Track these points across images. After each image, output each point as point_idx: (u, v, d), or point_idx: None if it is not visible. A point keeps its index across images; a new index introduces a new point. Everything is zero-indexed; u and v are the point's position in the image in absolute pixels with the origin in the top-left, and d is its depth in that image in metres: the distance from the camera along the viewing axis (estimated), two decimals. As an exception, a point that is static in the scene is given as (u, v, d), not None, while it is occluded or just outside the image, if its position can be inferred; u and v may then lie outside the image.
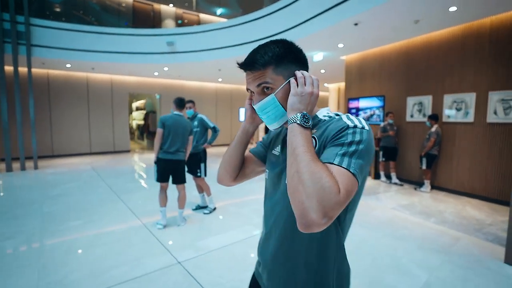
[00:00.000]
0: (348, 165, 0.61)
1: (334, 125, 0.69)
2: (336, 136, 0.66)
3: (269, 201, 0.88)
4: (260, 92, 0.75)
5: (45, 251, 2.81)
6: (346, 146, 0.63)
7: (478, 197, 4.58)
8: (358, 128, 0.66)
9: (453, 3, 3.85)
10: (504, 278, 2.40)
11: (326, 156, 0.63)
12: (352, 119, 0.69)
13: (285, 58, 0.74)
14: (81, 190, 5.14)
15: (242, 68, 0.76)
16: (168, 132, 3.32)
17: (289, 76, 0.74)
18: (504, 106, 4.19)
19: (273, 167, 0.88)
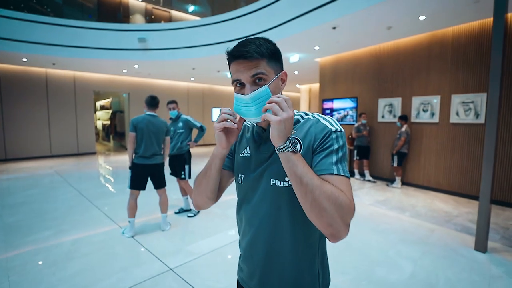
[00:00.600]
0: (343, 171, 0.71)
1: (316, 128, 0.76)
2: (323, 143, 0.73)
3: (247, 204, 0.86)
4: (252, 83, 0.74)
5: (13, 268, 2.51)
6: (335, 153, 0.72)
7: (443, 191, 5.01)
8: (339, 132, 0.75)
9: (422, 12, 4.16)
10: (476, 263, 2.65)
11: (324, 168, 0.70)
12: (329, 120, 0.77)
13: (275, 54, 0.78)
14: (46, 197, 4.68)
15: (237, 55, 0.74)
16: (142, 135, 3.10)
17: (276, 72, 0.78)
18: (464, 108, 4.63)
19: (248, 170, 0.86)
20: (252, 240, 0.86)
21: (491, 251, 2.89)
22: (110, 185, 5.64)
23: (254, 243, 0.85)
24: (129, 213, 3.14)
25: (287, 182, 0.77)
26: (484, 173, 2.83)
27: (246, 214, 0.88)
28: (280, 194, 0.79)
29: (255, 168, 0.84)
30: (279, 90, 0.80)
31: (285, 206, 0.79)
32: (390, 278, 2.40)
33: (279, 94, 0.78)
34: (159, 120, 3.27)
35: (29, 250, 2.83)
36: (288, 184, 0.77)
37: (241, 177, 0.88)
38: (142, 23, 9.52)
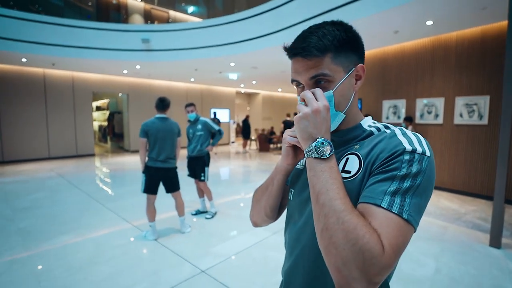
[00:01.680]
0: (399, 209, 0.49)
1: (386, 143, 0.56)
2: (387, 162, 0.53)
3: (293, 226, 0.72)
4: (313, 86, 0.61)
5: (42, 273, 2.49)
6: (398, 180, 0.51)
7: (447, 190, 5.18)
8: (418, 154, 0.53)
9: (430, 18, 4.31)
10: (493, 259, 2.77)
11: (371, 194, 0.51)
12: (410, 137, 0.56)
13: (347, 44, 0.60)
14: (53, 200, 4.61)
15: (292, 53, 0.61)
16: (154, 139, 3.07)
17: (349, 68, 0.61)
18: (468, 109, 4.81)
19: (297, 186, 0.72)
20: (290, 270, 0.72)
21: (504, 247, 3.02)
22: (117, 187, 5.58)
23: (292, 274, 0.71)
24: (149, 217, 3.13)
25: None
26: (498, 174, 2.97)
27: (289, 238, 0.74)
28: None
29: (305, 185, 0.68)
30: (351, 91, 0.63)
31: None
32: (417, 274, 2.50)
33: (352, 95, 0.64)
34: (170, 123, 3.25)
35: (51, 255, 2.80)
36: None
37: (291, 193, 0.75)
38: (146, 24, 9.43)
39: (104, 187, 5.66)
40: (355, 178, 0.57)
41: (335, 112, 0.61)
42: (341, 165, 0.61)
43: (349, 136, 0.66)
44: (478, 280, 2.40)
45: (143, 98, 10.75)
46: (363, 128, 0.66)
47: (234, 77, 9.63)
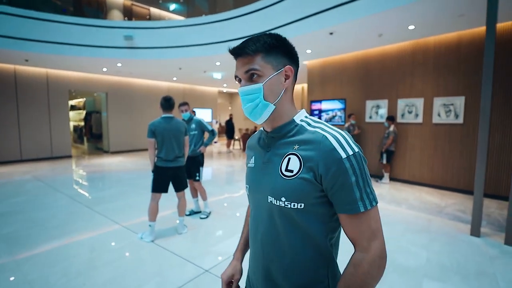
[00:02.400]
0: (370, 202, 0.66)
1: (325, 154, 0.66)
2: (337, 177, 0.65)
3: (252, 217, 0.84)
4: (247, 79, 0.73)
5: (35, 281, 2.36)
6: (356, 185, 0.65)
7: (427, 185, 5.52)
8: (352, 156, 0.66)
9: (412, 22, 4.57)
10: (475, 247, 3.01)
11: (349, 207, 0.66)
12: (338, 139, 0.67)
13: (276, 48, 0.73)
14: (35, 205, 4.35)
15: (233, 53, 0.75)
16: (162, 139, 3.05)
17: (278, 67, 0.73)
18: (445, 109, 5.15)
19: (251, 182, 0.83)
20: (252, 257, 0.85)
21: (483, 235, 3.29)
22: (102, 190, 5.36)
23: (255, 261, 0.83)
24: (151, 217, 3.07)
25: (283, 201, 0.70)
26: (477, 170, 3.22)
27: (251, 226, 0.85)
28: (276, 213, 0.74)
29: (256, 180, 0.80)
30: (280, 87, 0.74)
31: (282, 228, 0.73)
32: (410, 264, 2.66)
33: (281, 91, 0.74)
34: (177, 121, 3.22)
35: (43, 261, 2.66)
36: (285, 205, 0.70)
37: (247, 188, 0.85)
38: (130, 21, 9.08)
39: (87, 190, 5.42)
40: (296, 177, 0.69)
41: (264, 102, 0.73)
42: (284, 164, 0.72)
43: (284, 131, 0.76)
44: (465, 266, 2.60)
45: (123, 97, 10.38)
46: (295, 122, 0.77)
47: (218, 77, 9.58)
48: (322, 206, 0.70)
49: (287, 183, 0.70)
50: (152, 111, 11.23)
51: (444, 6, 3.91)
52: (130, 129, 10.65)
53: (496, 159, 4.61)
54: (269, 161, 0.77)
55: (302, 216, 0.70)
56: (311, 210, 0.70)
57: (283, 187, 0.70)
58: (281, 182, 0.71)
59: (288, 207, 0.70)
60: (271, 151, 0.77)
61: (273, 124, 0.77)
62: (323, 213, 0.71)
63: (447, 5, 3.88)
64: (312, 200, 0.69)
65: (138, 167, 7.71)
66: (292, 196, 0.69)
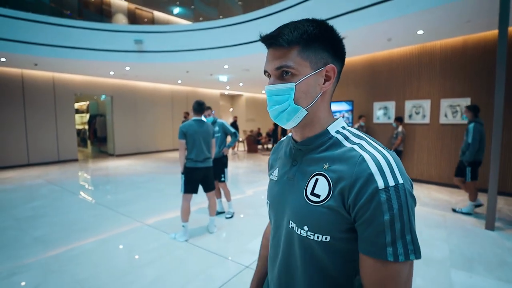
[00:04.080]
0: (406, 254, 0.51)
1: (359, 179, 0.54)
2: (367, 207, 0.52)
3: (272, 236, 0.75)
4: (278, 76, 0.61)
5: (84, 280, 2.45)
6: (389, 227, 0.51)
7: (434, 183, 5.74)
8: (392, 188, 0.52)
9: (421, 28, 4.78)
10: (491, 239, 3.21)
11: (373, 249, 0.52)
12: (379, 162, 0.54)
13: (317, 41, 0.60)
14: (57, 208, 4.40)
15: (265, 41, 0.62)
16: (193, 141, 3.18)
17: (317, 65, 0.61)
18: (452, 110, 5.39)
19: (273, 198, 0.73)
20: (271, 281, 0.75)
21: (497, 229, 3.50)
22: (120, 193, 5.42)
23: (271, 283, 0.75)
24: (183, 218, 3.18)
25: (305, 231, 0.60)
26: (492, 168, 3.42)
27: (272, 246, 0.75)
28: (296, 242, 0.63)
29: (278, 198, 0.69)
30: (317, 89, 0.62)
31: (300, 261, 0.63)
32: (436, 255, 2.83)
33: (317, 94, 0.62)
34: (206, 124, 3.35)
35: (84, 262, 2.75)
36: (307, 235, 0.60)
37: (268, 204, 0.75)
38: (140, 25, 9.13)
39: (104, 193, 5.48)
40: (324, 204, 0.58)
41: (294, 106, 0.60)
42: (310, 186, 0.61)
43: (314, 144, 0.64)
44: (487, 257, 2.79)
45: (127, 100, 10.41)
46: (329, 134, 0.64)
47: (224, 79, 9.70)
48: (350, 242, 0.58)
49: (311, 210, 0.59)
50: (155, 113, 11.29)
51: (453, 13, 4.13)
52: (135, 132, 10.68)
53: (502, 157, 4.84)
54: (294, 177, 0.66)
55: (326, 251, 0.59)
56: (337, 245, 0.59)
57: (307, 214, 0.60)
58: (305, 208, 0.60)
59: (311, 238, 0.59)
60: (298, 166, 0.66)
61: (303, 134, 0.66)
62: (351, 250, 0.59)
63: (456, 12, 4.10)
64: (340, 233, 0.57)
65: (149, 170, 7.77)
66: (317, 227, 0.58)
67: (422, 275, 2.50)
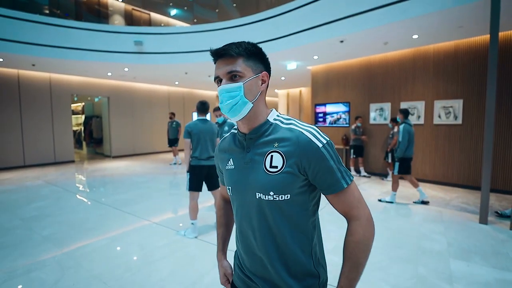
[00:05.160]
0: (349, 178, 0.78)
1: (304, 147, 0.76)
2: (318, 163, 0.75)
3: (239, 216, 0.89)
4: (229, 79, 0.79)
5: (102, 275, 2.52)
6: (335, 169, 0.77)
7: (429, 181, 5.96)
8: (326, 145, 0.77)
9: (416, 32, 5.00)
10: (486, 232, 3.40)
11: (335, 187, 0.77)
12: (312, 131, 0.78)
13: (255, 55, 0.82)
14: (61, 208, 4.42)
15: (215, 54, 0.81)
16: (197, 139, 3.27)
17: (256, 71, 0.82)
18: (445, 111, 5.63)
19: (234, 183, 0.88)
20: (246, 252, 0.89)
21: (489, 223, 3.70)
22: (122, 193, 5.45)
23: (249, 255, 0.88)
24: (192, 215, 3.26)
25: (271, 195, 0.78)
26: (484, 167, 3.63)
27: (239, 223, 0.90)
28: (266, 207, 0.80)
29: (240, 180, 0.86)
30: (257, 90, 0.82)
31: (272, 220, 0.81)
32: (436, 248, 3.00)
33: (258, 92, 0.82)
34: (210, 124, 3.43)
35: (98, 258, 2.80)
36: (273, 198, 0.78)
37: (229, 189, 0.90)
38: (140, 26, 9.14)
39: (106, 193, 5.49)
40: (281, 171, 0.78)
41: (244, 99, 0.80)
42: (268, 161, 0.80)
43: (261, 131, 0.84)
44: (482, 248, 2.97)
45: (124, 101, 10.39)
46: (269, 122, 0.85)
47: (222, 81, 9.79)
48: (304, 195, 0.80)
49: (273, 178, 0.78)
50: (152, 115, 11.28)
51: (447, 19, 4.35)
52: (131, 133, 10.66)
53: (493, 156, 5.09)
54: (251, 161, 0.83)
55: (288, 205, 0.79)
56: (295, 200, 0.79)
57: (271, 182, 0.78)
58: (268, 178, 0.78)
59: (277, 199, 0.78)
60: (252, 151, 0.84)
61: (250, 125, 0.84)
62: (305, 201, 0.81)
63: (449, 18, 4.32)
64: (296, 190, 0.78)
65: (147, 171, 7.79)
66: (279, 189, 0.77)
67: (424, 265, 2.65)
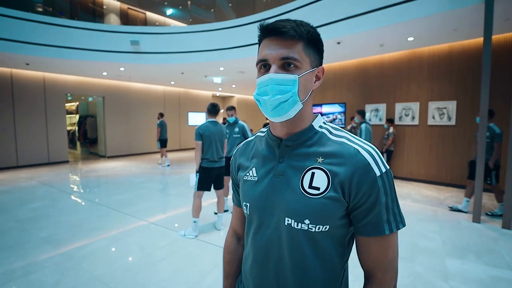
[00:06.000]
0: (397, 225, 0.61)
1: (358, 170, 0.60)
2: (370, 195, 0.60)
3: (256, 242, 0.71)
4: (281, 66, 0.62)
5: (102, 277, 2.52)
6: (385, 207, 0.60)
7: (423, 181, 6.07)
8: (385, 174, 0.61)
9: (411, 35, 5.09)
10: (479, 231, 3.49)
11: (373, 230, 0.61)
12: (371, 153, 0.62)
13: (315, 41, 0.65)
14: (59, 209, 4.38)
15: (269, 30, 0.63)
16: (209, 142, 3.31)
17: (314, 64, 0.65)
18: (439, 112, 5.74)
19: (255, 199, 0.70)
20: (260, 276, 0.71)
21: (482, 222, 3.80)
22: (120, 194, 5.42)
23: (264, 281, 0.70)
24: (195, 213, 3.30)
25: (306, 224, 0.62)
26: (478, 168, 3.71)
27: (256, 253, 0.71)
28: (296, 238, 0.64)
29: (264, 197, 0.68)
30: (310, 87, 0.66)
31: (302, 255, 0.64)
32: (431, 246, 3.07)
33: (310, 91, 0.66)
34: (220, 126, 3.48)
35: (99, 259, 2.80)
36: (308, 228, 0.62)
37: (247, 207, 0.72)
38: (136, 26, 9.07)
39: (103, 194, 5.46)
40: (324, 196, 0.61)
41: (296, 98, 0.62)
42: (307, 179, 0.63)
43: (302, 138, 0.67)
44: (476, 246, 3.06)
45: (119, 101, 10.31)
46: (314, 129, 0.68)
47: (219, 81, 9.80)
48: (344, 228, 0.64)
49: (312, 202, 0.61)
50: (148, 114, 11.21)
51: (442, 22, 4.44)
52: (127, 133, 10.58)
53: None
54: (283, 174, 0.66)
55: (325, 239, 0.63)
56: (334, 232, 0.63)
57: (308, 208, 0.61)
58: (305, 201, 0.62)
59: (312, 230, 0.62)
60: (286, 162, 0.67)
61: (290, 129, 0.67)
62: (343, 235, 0.65)
63: (445, 21, 4.41)
64: (337, 221, 0.62)
65: (144, 171, 7.75)
66: (318, 218, 0.61)
67: (421, 263, 2.72)
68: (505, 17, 4.08)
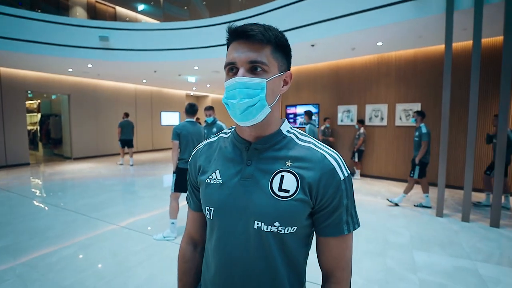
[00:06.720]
0: (353, 225, 0.65)
1: (325, 174, 0.62)
2: (334, 198, 0.62)
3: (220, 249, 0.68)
4: (249, 70, 0.61)
5: (71, 286, 2.37)
6: (345, 209, 0.64)
7: (391, 179, 6.42)
8: (347, 178, 0.64)
9: (380, 40, 5.36)
10: (442, 224, 3.77)
11: (333, 229, 0.64)
12: (336, 158, 0.65)
13: (283, 47, 0.65)
14: (20, 215, 4.04)
15: (238, 34, 0.62)
16: (187, 141, 3.25)
17: (281, 68, 0.65)
18: (405, 114, 6.10)
19: (220, 203, 0.67)
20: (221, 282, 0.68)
21: (445, 215, 4.10)
22: (89, 197, 5.12)
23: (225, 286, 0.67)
24: (172, 214, 3.23)
25: (276, 227, 0.61)
26: (440, 165, 4.01)
27: (218, 258, 0.68)
28: (265, 241, 0.63)
29: (229, 201, 0.66)
30: (277, 92, 0.66)
31: (270, 257, 0.63)
32: (400, 240, 3.26)
33: (278, 95, 0.66)
34: (198, 126, 3.42)
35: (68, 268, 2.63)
36: (278, 230, 0.61)
37: (210, 211, 0.68)
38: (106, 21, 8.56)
39: (69, 198, 5.12)
40: (293, 198, 0.62)
41: (264, 102, 0.62)
42: (276, 182, 0.63)
43: (271, 142, 0.67)
44: (439, 239, 3.30)
45: (87, 99, 9.74)
46: (283, 134, 0.69)
47: (193, 80, 9.62)
48: (308, 228, 0.67)
49: (282, 205, 0.61)
50: (117, 114, 10.71)
51: (409, 28, 4.73)
52: (95, 133, 10.03)
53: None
54: (251, 177, 0.65)
55: (293, 240, 0.64)
56: (300, 233, 0.65)
57: (278, 210, 0.61)
58: (275, 204, 0.62)
59: (282, 232, 0.62)
60: (254, 165, 0.66)
61: (259, 133, 0.67)
62: (307, 235, 0.68)
63: (411, 28, 4.70)
64: (304, 221, 0.64)
65: (114, 173, 7.39)
66: (287, 220, 0.62)
67: (391, 257, 2.87)
68: (462, 26, 4.44)
